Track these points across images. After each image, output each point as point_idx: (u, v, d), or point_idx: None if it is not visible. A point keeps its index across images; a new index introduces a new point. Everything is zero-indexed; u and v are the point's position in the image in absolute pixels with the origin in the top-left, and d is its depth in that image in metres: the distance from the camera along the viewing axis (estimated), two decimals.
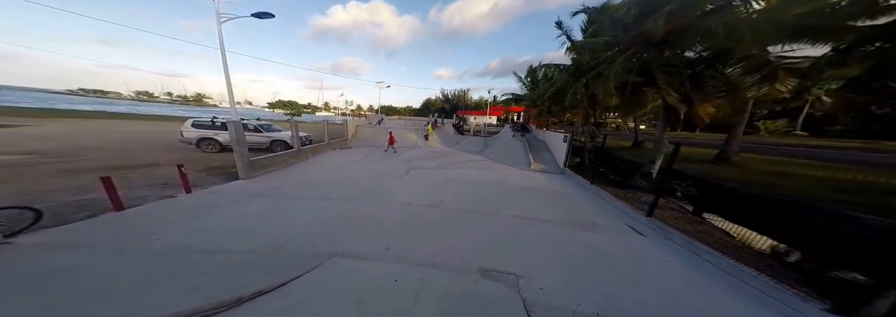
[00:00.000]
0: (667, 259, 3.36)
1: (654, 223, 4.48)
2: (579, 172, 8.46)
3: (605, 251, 3.47)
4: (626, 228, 4.39)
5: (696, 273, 3.07)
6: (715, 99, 6.30)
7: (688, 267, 3.20)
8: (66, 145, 9.44)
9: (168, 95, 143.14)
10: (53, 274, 2.40)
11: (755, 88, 4.75)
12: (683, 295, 2.65)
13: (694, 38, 5.76)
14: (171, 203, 4.48)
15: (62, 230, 3.27)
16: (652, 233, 4.17)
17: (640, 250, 3.61)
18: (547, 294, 2.48)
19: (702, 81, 6.27)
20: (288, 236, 3.42)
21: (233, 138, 5.97)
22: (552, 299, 2.41)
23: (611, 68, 6.69)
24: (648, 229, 4.30)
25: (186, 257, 2.83)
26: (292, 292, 2.34)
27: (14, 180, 5.37)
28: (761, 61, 4.72)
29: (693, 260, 3.38)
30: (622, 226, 4.46)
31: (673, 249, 3.68)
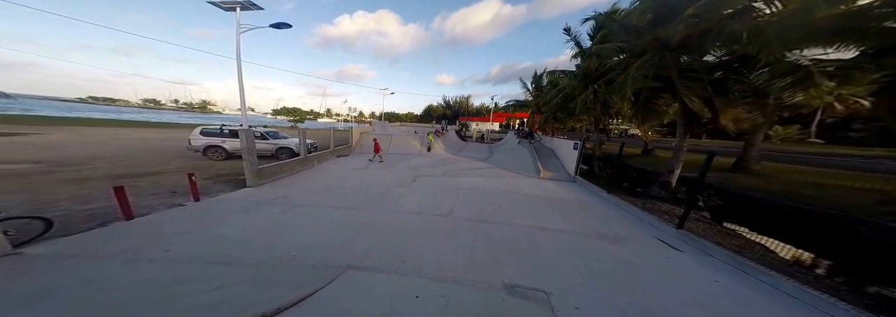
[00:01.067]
0: (715, 279, 3.13)
1: (686, 237, 4.26)
2: (590, 181, 8.31)
3: (639, 267, 3.30)
4: (655, 241, 4.21)
5: (756, 296, 2.82)
6: (740, 105, 6.12)
7: (745, 289, 2.94)
8: (74, 154, 9.55)
9: (174, 102, 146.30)
10: (61, 288, 2.33)
11: (788, 93, 4.59)
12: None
13: (715, 42, 5.68)
14: (180, 212, 4.44)
15: (72, 240, 3.22)
16: (688, 247, 3.97)
17: (680, 267, 3.40)
18: (584, 315, 2.33)
19: (725, 86, 6.10)
20: (300, 247, 3.34)
21: (243, 146, 5.98)
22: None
23: (625, 74, 6.60)
24: (682, 243, 4.10)
25: (200, 269, 2.75)
26: (312, 307, 2.24)
27: (23, 190, 5.39)
28: (792, 65, 4.60)
29: (745, 280, 3.12)
30: (650, 239, 4.28)
31: (718, 266, 3.46)
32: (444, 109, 55.35)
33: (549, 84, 16.87)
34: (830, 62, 4.56)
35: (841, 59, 4.51)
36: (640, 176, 9.09)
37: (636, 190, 7.49)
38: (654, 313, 2.45)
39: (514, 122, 33.51)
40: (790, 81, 4.56)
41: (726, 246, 3.92)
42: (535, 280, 2.82)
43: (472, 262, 3.17)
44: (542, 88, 17.88)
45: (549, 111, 15.47)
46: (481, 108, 54.45)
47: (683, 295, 2.79)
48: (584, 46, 10.33)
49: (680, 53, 6.42)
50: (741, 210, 6.00)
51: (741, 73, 5.90)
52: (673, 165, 7.39)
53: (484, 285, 2.72)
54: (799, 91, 4.55)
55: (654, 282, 2.99)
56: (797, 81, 4.51)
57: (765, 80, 5.08)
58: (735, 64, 5.98)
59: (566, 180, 8.93)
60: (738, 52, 5.67)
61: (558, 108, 14.15)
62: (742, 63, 5.80)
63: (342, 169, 9.21)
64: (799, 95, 4.59)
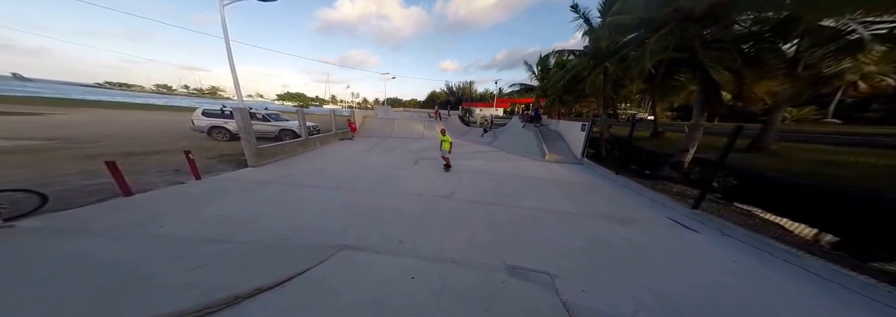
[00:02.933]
0: (734, 259, 2.90)
1: (702, 217, 3.97)
2: (597, 163, 7.90)
3: (652, 249, 3.07)
4: (669, 222, 3.93)
5: (780, 277, 2.59)
6: (773, 76, 5.49)
7: (767, 270, 2.72)
8: (86, 133, 9.59)
9: (185, 87, 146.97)
10: (44, 263, 2.23)
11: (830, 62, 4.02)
12: (769, 303, 2.20)
13: (748, 9, 4.98)
14: (179, 189, 4.34)
15: (67, 215, 3.14)
16: (703, 228, 3.71)
17: (695, 247, 3.16)
18: (591, 298, 2.14)
19: (758, 55, 5.45)
20: (295, 227, 3.19)
21: (239, 126, 5.78)
22: (599, 304, 2.07)
23: (643, 48, 5.93)
24: (697, 224, 3.83)
25: (189, 246, 2.63)
26: (297, 288, 2.10)
27: (32, 165, 5.38)
28: (836, 31, 3.98)
29: (767, 261, 2.89)
30: (664, 220, 4.01)
31: (736, 246, 3.21)
32: (447, 95, 54.04)
33: (555, 66, 15.66)
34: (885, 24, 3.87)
35: None
36: (650, 158, 8.53)
37: (646, 172, 7.07)
38: (668, 294, 2.24)
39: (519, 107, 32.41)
40: (833, 48, 3.96)
41: (745, 226, 3.62)
42: (538, 263, 2.62)
43: (473, 244, 2.99)
44: (548, 71, 16.71)
45: (554, 94, 14.56)
46: (485, 94, 52.87)
47: (699, 276, 2.56)
48: (594, 24, 9.45)
49: (704, 24, 5.70)
50: (758, 190, 5.54)
51: (774, 42, 5.24)
52: (687, 144, 6.86)
53: (484, 267, 2.54)
54: (843, 59, 3.94)
55: (667, 263, 2.76)
56: (842, 48, 3.90)
57: (806, 47, 4.43)
58: (766, 33, 5.27)
59: (573, 163, 8.56)
60: (771, 20, 4.98)
61: (565, 90, 13.29)
62: (775, 32, 5.10)
63: (345, 151, 9.04)
64: (845, 62, 3.97)
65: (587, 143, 8.67)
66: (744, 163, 6.75)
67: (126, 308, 1.77)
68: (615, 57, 7.84)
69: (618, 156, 7.26)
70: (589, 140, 8.72)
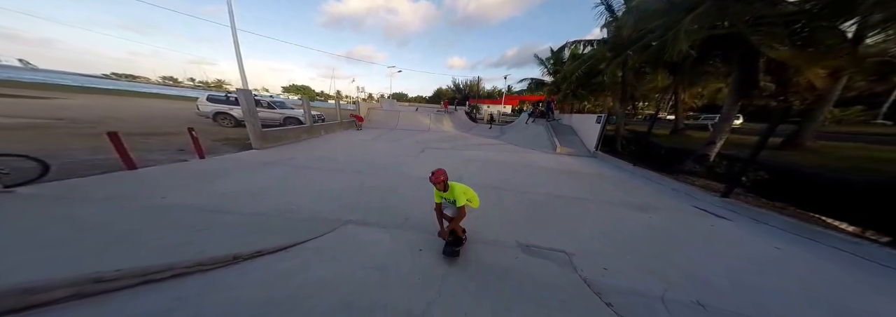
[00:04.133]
0: (775, 246, 2.74)
1: (733, 205, 3.74)
2: (613, 156, 7.63)
3: (678, 234, 2.93)
4: (694, 210, 3.77)
5: (829, 264, 2.43)
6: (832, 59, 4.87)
7: (813, 257, 2.55)
8: (92, 115, 9.66)
9: (191, 80, 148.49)
10: (43, 227, 2.17)
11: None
12: (821, 290, 2.05)
13: None
14: (183, 166, 4.31)
15: (68, 184, 3.11)
16: (735, 216, 3.52)
17: (728, 234, 3.00)
18: (615, 276, 2.04)
19: (811, 36, 4.86)
20: (299, 203, 3.13)
21: (244, 108, 5.74)
22: (623, 283, 1.97)
23: (676, 29, 5.42)
24: (728, 212, 3.63)
25: (190, 214, 2.58)
26: (300, 254, 2.03)
27: (37, 140, 5.40)
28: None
29: (813, 248, 2.70)
30: (688, 208, 3.85)
31: (775, 234, 3.04)
32: (453, 91, 53.71)
33: (570, 57, 14.84)
34: None
35: None
36: (671, 154, 8.06)
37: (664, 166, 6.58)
38: (702, 276, 2.11)
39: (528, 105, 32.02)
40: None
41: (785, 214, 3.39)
42: (553, 242, 2.52)
43: (483, 223, 2.89)
44: (561, 64, 15.99)
45: (567, 88, 14.03)
46: (493, 91, 52.47)
47: (735, 260, 2.42)
48: (617, 11, 8.84)
49: (747, 2, 5.14)
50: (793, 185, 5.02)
51: (830, 20, 4.68)
52: (715, 137, 6.41)
53: (496, 243, 2.45)
54: None
55: (697, 248, 2.63)
56: None
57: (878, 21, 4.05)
58: (823, 10, 4.67)
59: (585, 155, 8.35)
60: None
61: (579, 83, 12.64)
62: (832, 8, 4.55)
63: (350, 139, 8.98)
64: None
65: (602, 136, 8.38)
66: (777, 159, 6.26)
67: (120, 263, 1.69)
68: (638, 45, 7.36)
69: (635, 150, 6.97)
70: (603, 134, 8.42)
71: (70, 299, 1.25)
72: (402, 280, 1.77)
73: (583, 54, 12.38)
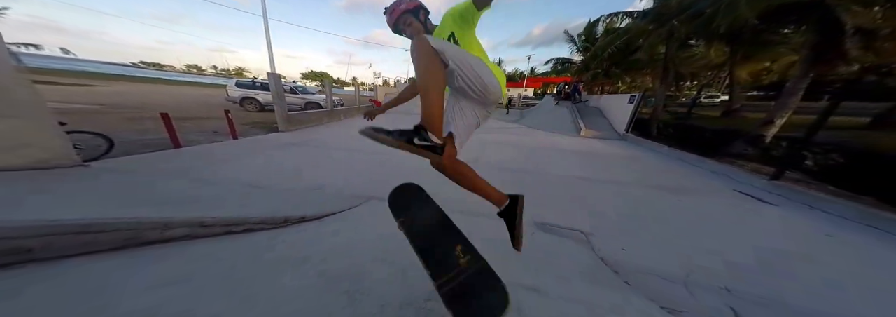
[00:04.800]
0: (826, 233, 2.58)
1: (783, 189, 3.46)
2: (646, 139, 7.16)
3: (711, 217, 2.83)
4: (736, 194, 3.58)
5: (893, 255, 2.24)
6: None
7: (873, 245, 2.36)
8: (130, 100, 10.41)
9: (213, 68, 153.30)
10: (120, 193, 2.52)
11: None
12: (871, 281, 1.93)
13: None
14: (220, 146, 4.70)
15: (129, 159, 3.52)
16: (784, 201, 3.27)
17: (770, 219, 2.83)
18: (633, 257, 2.07)
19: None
20: (327, 180, 3.37)
21: (273, 91, 6.01)
22: (642, 263, 2.00)
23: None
24: (775, 197, 3.38)
25: (235, 187, 2.88)
26: (335, 223, 2.26)
27: (88, 124, 5.93)
28: None
29: (879, 237, 2.48)
30: (728, 191, 3.66)
31: (831, 220, 2.80)
32: None
33: (604, 33, 13.14)
34: None
35: None
36: (717, 137, 7.11)
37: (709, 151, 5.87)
38: (732, 261, 2.05)
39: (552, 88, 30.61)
40: None
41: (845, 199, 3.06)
42: (571, 222, 2.58)
43: None
44: (594, 41, 14.26)
45: (598, 66, 12.92)
46: (514, 73, 50.54)
47: (772, 247, 2.30)
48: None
49: None
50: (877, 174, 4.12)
51: None
52: (774, 113, 5.61)
53: None
54: None
55: (729, 232, 2.54)
56: None
57: None
58: None
59: (614, 139, 7.94)
60: None
61: (612, 61, 11.43)
62: None
63: (369, 123, 9.19)
64: None
65: (634, 117, 7.77)
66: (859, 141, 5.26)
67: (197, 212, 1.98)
68: (687, 13, 6.44)
69: (673, 133, 6.46)
70: (636, 115, 7.79)
71: (183, 238, 1.60)
72: None
73: (618, 28, 10.90)
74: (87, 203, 2.04)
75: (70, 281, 1.20)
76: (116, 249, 1.42)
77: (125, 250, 1.43)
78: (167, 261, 1.42)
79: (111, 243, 1.41)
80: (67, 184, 2.37)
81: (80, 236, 1.34)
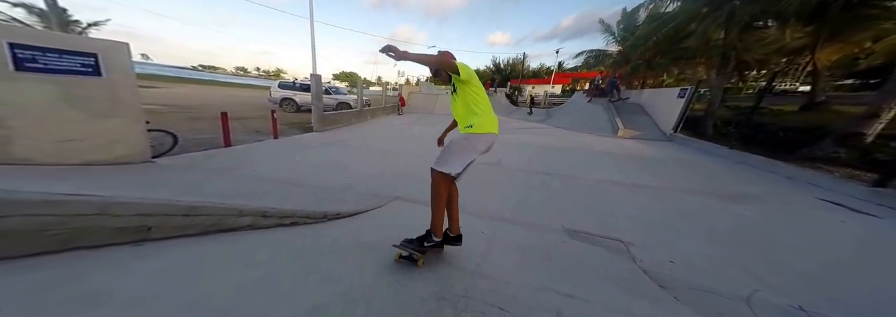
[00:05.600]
0: None
1: (887, 198, 2.94)
2: (700, 139, 6.33)
3: (785, 229, 2.50)
4: (819, 202, 3.12)
5: None
6: None
7: None
8: (190, 102, 11.78)
9: (257, 69, 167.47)
10: (184, 184, 2.88)
11: None
12: None
13: None
14: (263, 145, 5.20)
15: (188, 157, 4.01)
16: (889, 213, 2.79)
17: (868, 234, 2.44)
18: (683, 271, 1.87)
19: None
20: (355, 179, 3.56)
21: (314, 92, 6.45)
22: (696, 278, 1.80)
23: None
24: (874, 207, 2.87)
25: (276, 184, 3.18)
26: (366, 220, 2.40)
27: (156, 122, 6.78)
28: None
29: None
30: (810, 200, 3.20)
31: None
32: (492, 72, 50.99)
33: (647, 20, 11.81)
34: None
35: None
36: (794, 136, 6.03)
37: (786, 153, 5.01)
38: (813, 277, 1.80)
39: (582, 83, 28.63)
40: None
41: None
42: (607, 230, 2.44)
43: (524, 206, 2.95)
44: (633, 30, 12.98)
45: (641, 56, 11.38)
46: (540, 70, 48.33)
47: (871, 266, 1.97)
48: None
49: None
50: None
51: None
52: (880, 105, 4.57)
53: (538, 227, 2.50)
54: None
55: (813, 247, 2.19)
56: None
57: None
58: None
59: (658, 139, 7.17)
60: None
61: (658, 50, 10.13)
62: None
63: (393, 123, 9.53)
64: None
65: (684, 114, 6.86)
66: None
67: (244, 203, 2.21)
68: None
69: (736, 132, 5.61)
70: (687, 112, 6.87)
71: (247, 228, 1.85)
72: (449, 249, 1.96)
73: (665, 14, 9.86)
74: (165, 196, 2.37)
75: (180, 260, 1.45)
76: (204, 233, 1.69)
77: (210, 234, 1.69)
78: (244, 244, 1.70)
79: (201, 228, 1.68)
80: (143, 176, 2.76)
81: (186, 218, 1.61)
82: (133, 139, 3.11)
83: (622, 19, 14.03)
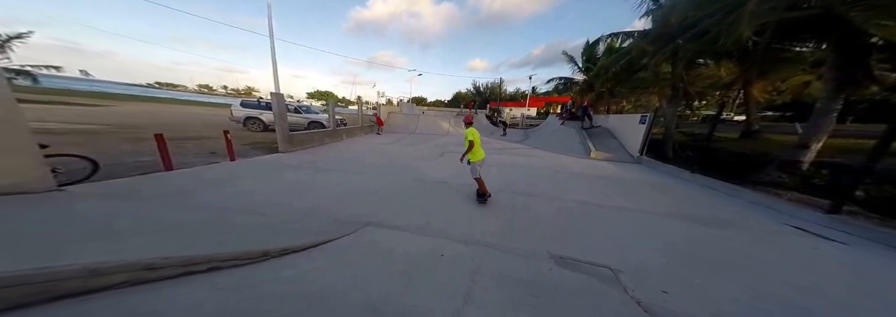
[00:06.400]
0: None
1: (847, 225, 3.14)
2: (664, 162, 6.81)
3: (764, 256, 2.54)
4: (789, 228, 3.26)
5: None
6: None
7: None
8: (135, 121, 10.63)
9: (224, 88, 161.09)
10: (90, 218, 2.33)
11: None
12: None
13: None
14: (215, 168, 4.59)
15: (114, 183, 3.37)
16: (853, 239, 2.95)
17: (845, 262, 2.52)
18: (680, 301, 1.78)
19: None
20: (323, 205, 3.19)
21: (275, 111, 6.03)
22: (692, 309, 1.70)
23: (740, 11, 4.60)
24: (839, 234, 3.05)
25: (221, 214, 2.70)
26: (324, 255, 2.03)
27: (88, 144, 5.97)
28: None
29: None
30: (777, 225, 3.34)
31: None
32: (473, 95, 53.66)
33: (606, 52, 13.60)
34: None
35: None
36: (741, 162, 6.69)
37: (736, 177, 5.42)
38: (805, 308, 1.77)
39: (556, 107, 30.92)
40: None
41: None
42: (593, 256, 2.32)
43: (509, 231, 2.76)
44: (595, 61, 14.76)
45: (603, 85, 12.67)
46: (516, 93, 51.70)
47: (853, 296, 1.98)
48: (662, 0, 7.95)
49: None
50: None
51: None
52: (808, 138, 5.20)
53: (524, 253, 2.31)
54: None
55: (796, 276, 2.21)
56: None
57: None
58: None
59: (627, 161, 7.68)
60: None
61: (617, 80, 11.37)
62: None
63: (369, 143, 9.18)
64: None
65: (647, 138, 7.55)
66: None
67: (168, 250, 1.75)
68: (691, 32, 6.42)
69: (693, 156, 6.14)
70: (649, 136, 7.58)
71: (123, 285, 1.34)
72: (426, 287, 1.69)
73: (621, 48, 11.19)
74: (33, 236, 1.81)
75: None
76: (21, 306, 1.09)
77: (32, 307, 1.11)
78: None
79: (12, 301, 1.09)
80: (27, 212, 2.20)
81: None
82: (21, 166, 2.54)
83: (585, 51, 15.59)
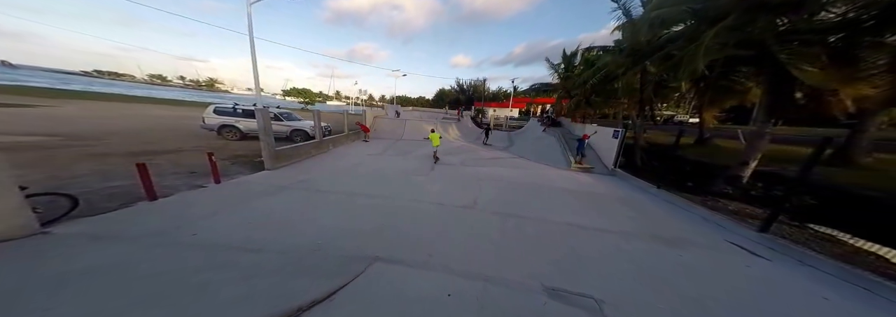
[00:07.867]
0: (823, 296, 2.72)
1: (773, 242, 3.75)
2: (633, 174, 7.68)
3: (712, 277, 2.99)
4: (729, 246, 3.79)
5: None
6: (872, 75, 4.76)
7: (866, 310, 2.51)
8: (87, 129, 9.76)
9: (181, 78, 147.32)
10: (90, 272, 2.31)
11: None
12: None
13: None
14: (202, 194, 4.48)
15: (98, 220, 3.27)
16: (776, 255, 3.51)
17: (769, 279, 3.01)
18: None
19: (849, 50, 4.82)
20: (325, 236, 3.31)
21: (260, 127, 5.92)
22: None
23: (697, 44, 5.52)
24: (766, 250, 3.63)
25: (228, 256, 2.74)
26: (344, 301, 2.22)
27: (43, 164, 5.45)
28: None
29: (867, 299, 2.64)
30: (721, 243, 3.87)
31: (823, 280, 3.00)
32: (457, 93, 53.99)
33: (582, 63, 15.26)
34: None
35: None
36: (698, 170, 7.83)
37: (691, 185, 6.53)
38: None
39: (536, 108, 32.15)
40: None
41: (830, 255, 3.35)
42: (578, 284, 2.69)
43: (504, 259, 3.07)
44: (573, 69, 16.32)
45: (581, 95, 13.86)
46: (499, 92, 52.73)
47: (773, 313, 2.41)
48: (634, 16, 8.90)
49: (780, 12, 5.10)
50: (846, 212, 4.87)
51: (878, 33, 4.56)
52: (747, 156, 6.36)
53: (521, 286, 2.62)
54: None
55: (737, 297, 2.65)
56: None
57: None
58: (868, 22, 4.54)
59: (603, 173, 8.48)
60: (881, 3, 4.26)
61: (593, 90, 12.57)
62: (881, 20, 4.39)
63: (358, 154, 9.16)
64: None
65: (620, 152, 8.45)
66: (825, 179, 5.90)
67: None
68: (657, 55, 7.41)
69: (657, 167, 7.03)
70: (622, 149, 8.49)
71: None
72: None
73: (597, 58, 12.74)
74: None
75: None
76: None
77: None
78: None
79: None
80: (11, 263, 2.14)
81: None
82: (2, 213, 2.44)
83: (563, 60, 16.95)
